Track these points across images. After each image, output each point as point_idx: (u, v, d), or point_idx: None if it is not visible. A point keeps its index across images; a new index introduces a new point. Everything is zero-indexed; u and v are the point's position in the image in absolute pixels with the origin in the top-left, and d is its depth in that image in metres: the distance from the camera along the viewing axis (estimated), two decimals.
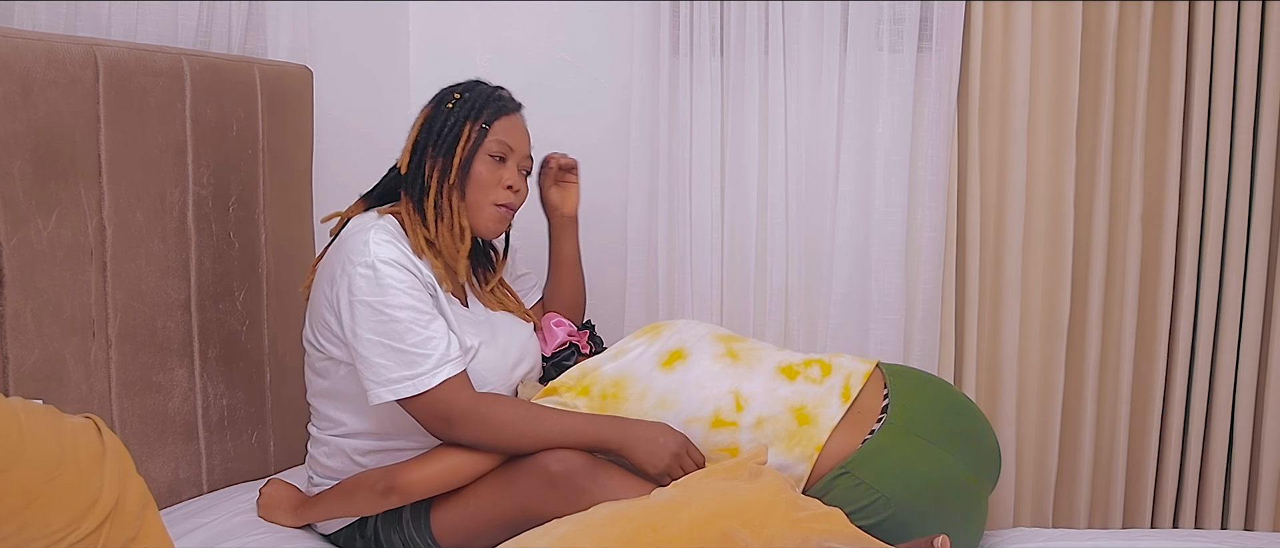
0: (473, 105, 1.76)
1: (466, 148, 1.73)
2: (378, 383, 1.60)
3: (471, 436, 1.63)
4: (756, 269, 2.39)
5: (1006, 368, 2.32)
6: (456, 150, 1.73)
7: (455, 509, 1.67)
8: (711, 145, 2.36)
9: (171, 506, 1.77)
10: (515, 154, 1.79)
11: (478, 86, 1.80)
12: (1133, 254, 2.26)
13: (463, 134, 1.74)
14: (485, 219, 1.76)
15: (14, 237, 1.49)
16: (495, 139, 1.75)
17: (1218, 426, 2.28)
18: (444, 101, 1.78)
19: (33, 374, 1.53)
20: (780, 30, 2.30)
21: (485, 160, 1.75)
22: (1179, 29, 2.16)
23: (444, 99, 1.78)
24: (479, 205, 1.75)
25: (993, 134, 2.28)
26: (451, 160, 1.73)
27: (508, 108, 1.80)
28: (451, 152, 1.73)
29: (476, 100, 1.77)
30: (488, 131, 1.75)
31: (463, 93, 1.78)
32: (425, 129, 1.76)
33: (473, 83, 1.82)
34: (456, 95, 1.78)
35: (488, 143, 1.75)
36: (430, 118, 1.77)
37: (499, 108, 1.78)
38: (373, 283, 1.60)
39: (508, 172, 1.77)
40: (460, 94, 1.78)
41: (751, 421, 1.68)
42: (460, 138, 1.74)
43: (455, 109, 1.76)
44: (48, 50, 1.53)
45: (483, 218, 1.76)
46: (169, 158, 1.75)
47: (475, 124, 1.74)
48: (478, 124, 1.74)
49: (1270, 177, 2.19)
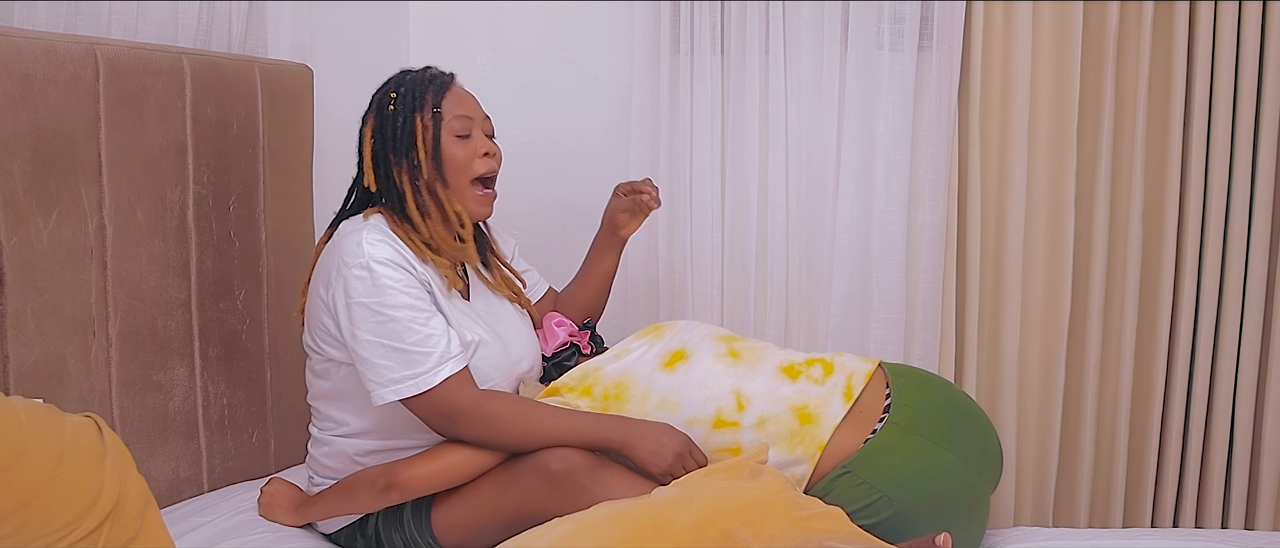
0: (413, 96, 1.70)
1: (427, 139, 1.69)
2: (380, 384, 1.60)
3: (475, 433, 1.63)
4: (757, 268, 2.39)
5: (1007, 367, 2.32)
6: (417, 145, 1.69)
7: (456, 508, 1.67)
8: (712, 144, 2.36)
9: (172, 505, 1.77)
10: (475, 121, 1.75)
11: (406, 77, 1.74)
12: (1133, 254, 2.26)
13: (416, 127, 1.69)
14: (471, 201, 1.74)
15: (14, 236, 1.49)
16: (453, 116, 1.71)
17: (1218, 425, 2.28)
18: (384, 106, 1.72)
19: (33, 373, 1.53)
20: (781, 29, 2.30)
21: (453, 142, 1.71)
22: (1179, 29, 2.16)
23: (382, 104, 1.72)
24: (462, 188, 1.72)
25: (993, 133, 2.28)
26: (417, 156, 1.69)
27: (446, 83, 1.74)
28: (412, 148, 1.69)
29: (414, 90, 1.71)
30: (441, 114, 1.70)
31: (396, 90, 1.72)
32: (378, 139, 1.71)
33: (399, 76, 1.75)
34: (393, 95, 1.72)
35: (448, 124, 1.70)
36: (378, 127, 1.71)
37: (439, 87, 1.72)
38: (369, 284, 1.59)
39: (475, 141, 1.73)
40: (396, 92, 1.72)
41: (753, 420, 1.68)
42: (415, 132, 1.69)
43: (398, 108, 1.70)
44: (48, 49, 1.53)
45: (469, 200, 1.73)
46: (169, 157, 1.75)
47: (424, 113, 1.70)
48: (427, 112, 1.70)
49: (1271, 176, 2.19)
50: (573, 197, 2.56)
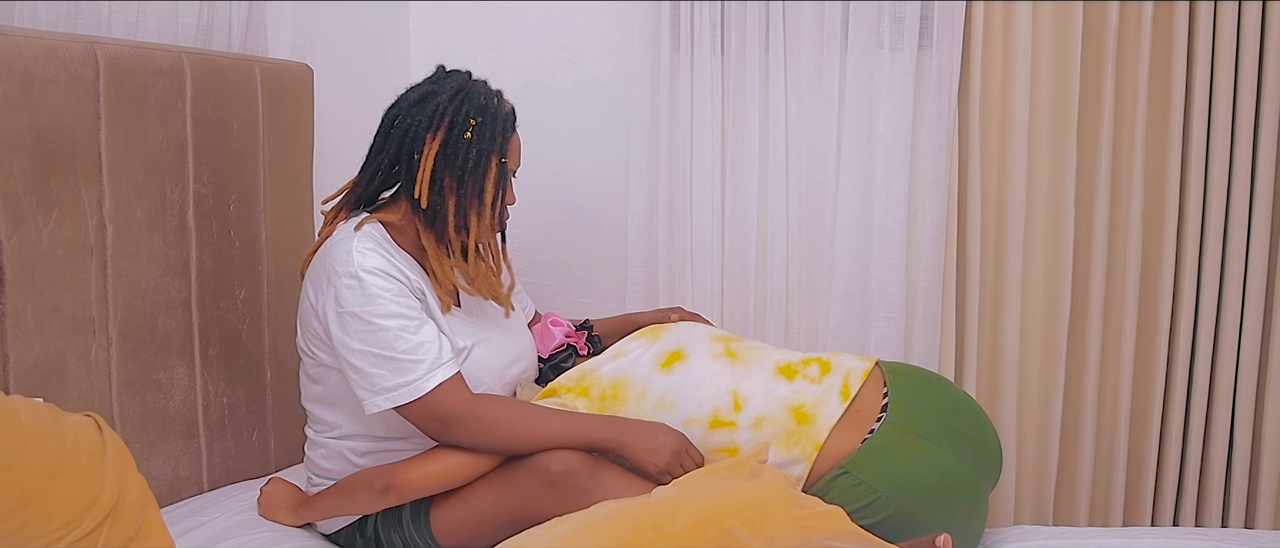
0: (491, 134, 1.66)
1: (497, 184, 1.67)
2: (373, 392, 1.60)
3: (470, 437, 1.63)
4: (757, 267, 2.39)
5: (1007, 366, 2.32)
6: (486, 188, 1.66)
7: (455, 509, 1.67)
8: (712, 144, 2.36)
9: (172, 504, 1.77)
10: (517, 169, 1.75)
11: (482, 102, 1.67)
12: (1133, 252, 2.26)
13: (490, 168, 1.66)
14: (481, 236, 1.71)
15: (14, 235, 1.49)
16: (511, 166, 1.71)
17: (1218, 423, 2.28)
18: (457, 128, 1.65)
19: (33, 372, 1.53)
20: (781, 29, 2.30)
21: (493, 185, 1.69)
22: (1179, 28, 2.16)
23: (456, 125, 1.65)
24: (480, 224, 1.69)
25: (993, 132, 2.28)
26: (485, 198, 1.66)
27: (514, 124, 1.72)
28: (482, 189, 1.66)
29: (492, 126, 1.66)
30: (506, 163, 1.69)
31: (477, 116, 1.65)
32: (443, 160, 1.64)
33: (474, 96, 1.68)
34: (473, 121, 1.65)
35: (509, 169, 1.70)
36: (447, 146, 1.64)
37: (508, 127, 1.70)
38: (358, 293, 1.59)
39: (510, 188, 1.73)
40: (476, 120, 1.65)
41: (750, 420, 1.68)
42: (489, 172, 1.66)
43: (475, 138, 1.65)
44: (48, 48, 1.53)
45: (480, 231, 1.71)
46: (169, 156, 1.75)
47: (500, 155, 1.67)
48: (500, 155, 1.67)
49: (1271, 174, 2.19)
50: (572, 197, 2.56)
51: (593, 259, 2.57)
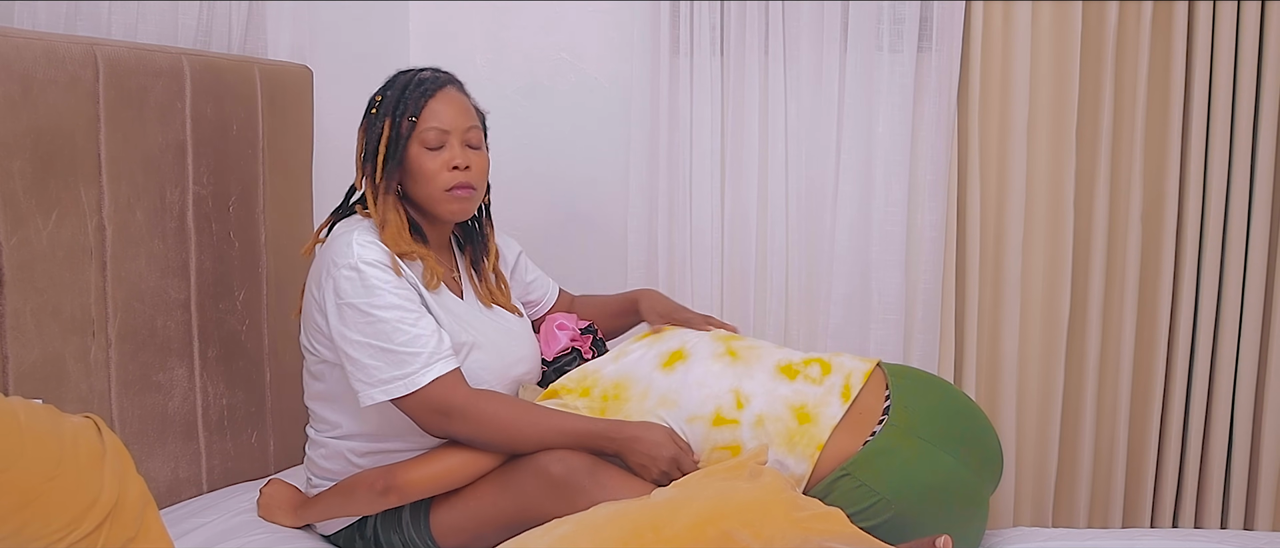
0: (392, 102, 1.69)
1: (388, 146, 1.68)
2: (369, 384, 1.60)
3: (468, 432, 1.62)
4: (757, 269, 2.39)
5: (1006, 368, 2.32)
6: (379, 147, 1.68)
7: (455, 510, 1.67)
8: (711, 145, 2.36)
9: (171, 505, 1.77)
10: (454, 133, 1.69)
11: (397, 79, 1.73)
12: (1132, 254, 2.26)
13: (384, 131, 1.68)
14: (445, 209, 1.71)
15: (14, 236, 1.49)
16: (427, 126, 1.67)
17: (1217, 425, 2.28)
18: (370, 108, 1.72)
19: (32, 374, 1.53)
20: (780, 30, 2.30)
21: (422, 152, 1.68)
22: (1179, 29, 2.16)
23: (369, 106, 1.72)
24: (432, 197, 1.70)
25: (993, 134, 2.28)
26: (374, 159, 1.69)
27: (430, 90, 1.70)
28: (374, 152, 1.69)
29: (395, 95, 1.70)
30: (417, 122, 1.67)
31: (383, 93, 1.72)
32: (361, 139, 1.72)
33: (393, 77, 1.74)
34: (378, 98, 1.71)
35: (420, 133, 1.67)
36: (364, 127, 1.72)
37: (423, 92, 1.69)
38: (358, 284, 1.59)
39: (449, 153, 1.68)
40: (381, 94, 1.71)
41: (752, 418, 1.68)
42: (382, 136, 1.68)
43: (378, 112, 1.70)
44: (48, 50, 1.53)
45: (442, 208, 1.71)
46: (169, 157, 1.75)
47: (398, 117, 1.67)
48: (402, 116, 1.67)
49: (1270, 176, 2.19)
50: (572, 198, 2.56)
51: (592, 260, 2.57)
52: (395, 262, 1.63)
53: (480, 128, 1.76)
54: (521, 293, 1.96)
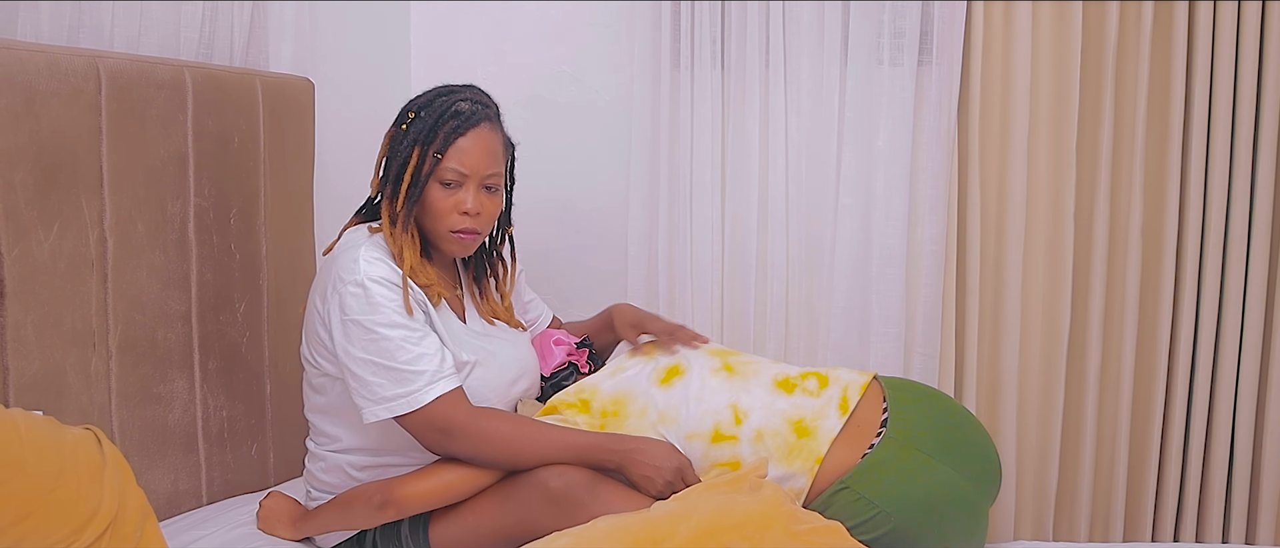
0: (425, 127, 1.66)
1: (412, 176, 1.65)
2: (372, 401, 1.60)
3: (469, 451, 1.62)
4: (757, 282, 2.39)
5: (1007, 381, 2.32)
6: (404, 177, 1.65)
7: (454, 524, 1.66)
8: (712, 158, 2.36)
9: (171, 517, 1.77)
10: (473, 177, 1.67)
11: (436, 101, 1.69)
12: (1133, 267, 2.26)
13: (411, 160, 1.65)
14: (445, 247, 1.71)
15: (15, 248, 1.49)
16: (448, 166, 1.65)
17: (1218, 438, 2.28)
18: (401, 121, 1.69)
19: (33, 385, 1.53)
20: (781, 43, 2.30)
21: (438, 188, 1.66)
22: (1178, 43, 2.17)
23: (402, 118, 1.70)
24: (435, 232, 1.69)
25: (993, 147, 2.29)
26: (398, 185, 1.66)
27: (464, 126, 1.67)
28: (399, 179, 1.66)
29: (430, 121, 1.66)
30: (441, 159, 1.65)
31: (418, 111, 1.68)
32: (388, 151, 1.71)
33: (433, 96, 1.70)
34: (412, 115, 1.68)
35: (440, 170, 1.65)
36: (391, 139, 1.70)
37: (454, 128, 1.66)
38: (363, 301, 1.59)
39: (463, 195, 1.67)
40: (416, 112, 1.68)
41: (751, 433, 1.68)
42: (408, 164, 1.65)
43: (409, 131, 1.67)
44: (50, 62, 1.53)
45: (443, 244, 1.71)
46: (170, 169, 1.75)
47: (426, 149, 1.65)
48: (430, 149, 1.65)
49: (1270, 189, 2.19)
50: (573, 211, 2.57)
51: (592, 273, 2.57)
52: (402, 279, 1.63)
53: (501, 173, 1.74)
54: (518, 312, 1.97)
